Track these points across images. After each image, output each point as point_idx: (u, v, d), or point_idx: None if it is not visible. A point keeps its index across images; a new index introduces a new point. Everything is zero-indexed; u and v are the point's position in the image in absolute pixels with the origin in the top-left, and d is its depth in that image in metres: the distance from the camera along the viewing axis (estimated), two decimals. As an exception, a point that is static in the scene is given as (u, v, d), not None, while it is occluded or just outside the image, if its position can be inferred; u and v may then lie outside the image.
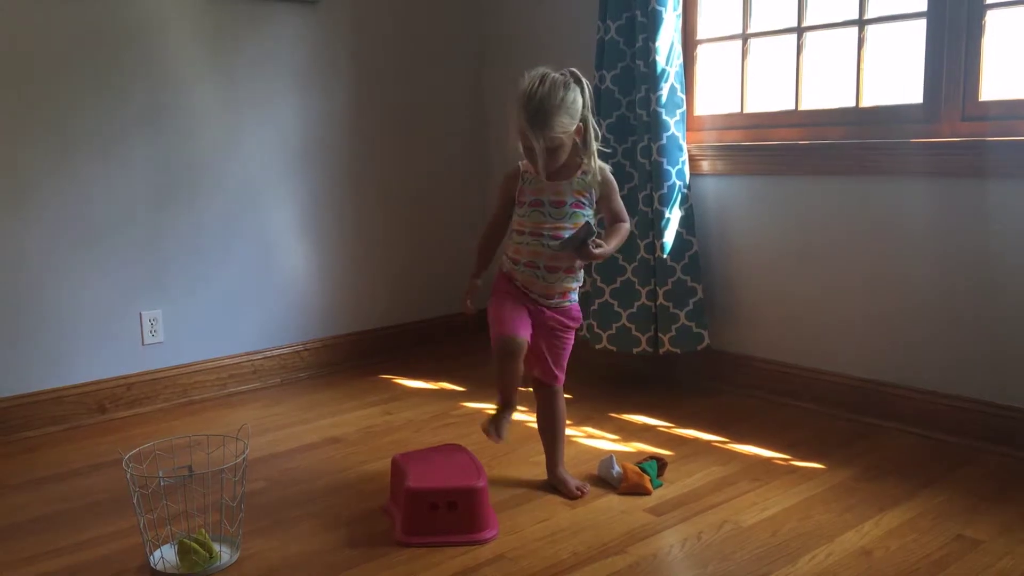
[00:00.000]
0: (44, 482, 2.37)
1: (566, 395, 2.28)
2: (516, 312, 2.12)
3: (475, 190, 3.83)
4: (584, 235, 2.04)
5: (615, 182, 2.18)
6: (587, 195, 2.12)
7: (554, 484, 2.21)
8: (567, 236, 2.07)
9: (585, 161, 2.10)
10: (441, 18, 3.64)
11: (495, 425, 2.12)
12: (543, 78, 2.02)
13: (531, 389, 2.25)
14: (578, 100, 2.03)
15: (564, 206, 2.10)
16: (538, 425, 2.28)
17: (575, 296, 2.21)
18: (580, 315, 2.23)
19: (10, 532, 2.06)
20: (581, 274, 2.19)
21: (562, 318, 2.18)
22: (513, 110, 2.04)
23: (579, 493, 2.17)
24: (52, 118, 2.72)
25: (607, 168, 2.15)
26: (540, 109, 1.98)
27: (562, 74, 2.04)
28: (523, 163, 2.14)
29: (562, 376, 2.23)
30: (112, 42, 2.81)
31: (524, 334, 2.09)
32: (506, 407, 2.13)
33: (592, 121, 2.08)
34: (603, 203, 2.16)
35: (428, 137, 3.66)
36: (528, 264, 2.12)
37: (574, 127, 2.03)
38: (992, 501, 2.08)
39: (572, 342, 2.23)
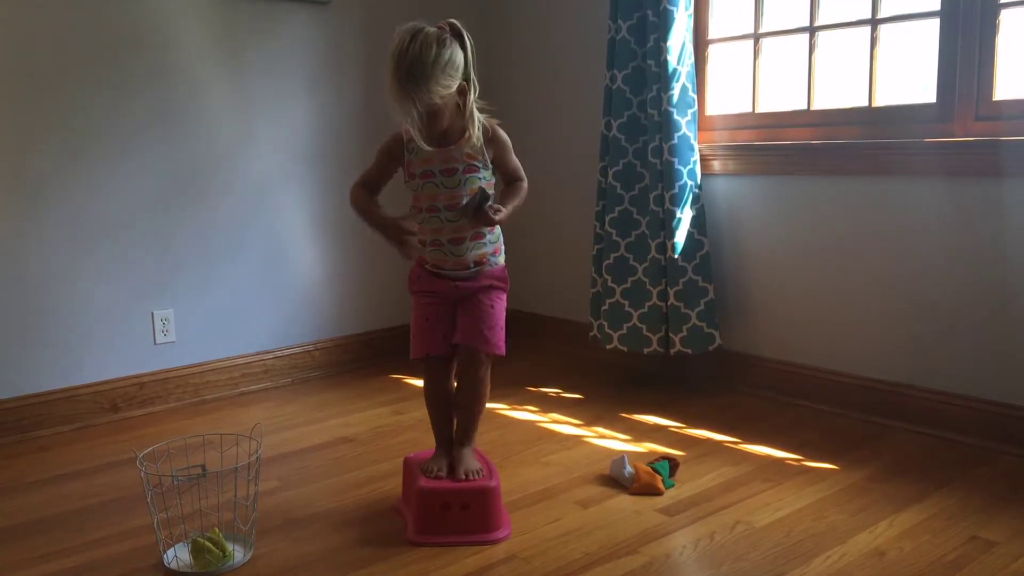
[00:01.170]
0: (57, 481, 2.38)
1: (578, 395, 2.27)
2: (433, 320, 2.03)
3: (485, 190, 3.82)
4: (479, 201, 1.89)
5: (507, 138, 2.00)
6: (479, 158, 1.96)
7: (452, 460, 2.06)
8: (463, 205, 1.93)
9: (469, 126, 1.93)
10: (452, 17, 3.63)
11: (436, 463, 2.04)
12: (415, 34, 1.82)
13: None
14: (457, 57, 1.84)
15: (456, 173, 1.94)
16: (454, 399, 2.09)
17: (497, 258, 2.07)
18: (506, 276, 2.08)
19: (24, 530, 2.08)
20: (496, 234, 2.05)
21: (484, 282, 2.04)
22: (385, 72, 1.83)
23: (463, 477, 1.99)
24: (66, 119, 2.73)
25: (495, 124, 1.98)
26: (413, 70, 1.78)
27: (439, 27, 1.86)
28: (403, 129, 1.95)
29: (494, 340, 2.02)
30: (124, 43, 2.82)
31: (443, 348, 2.03)
32: (441, 445, 2.09)
33: (475, 80, 1.89)
34: (497, 164, 2.00)
35: (439, 137, 3.65)
36: (433, 243, 2.00)
37: (455, 87, 1.85)
38: (1007, 502, 2.07)
39: (502, 307, 2.06)
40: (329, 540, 1.97)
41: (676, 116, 2.85)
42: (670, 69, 2.83)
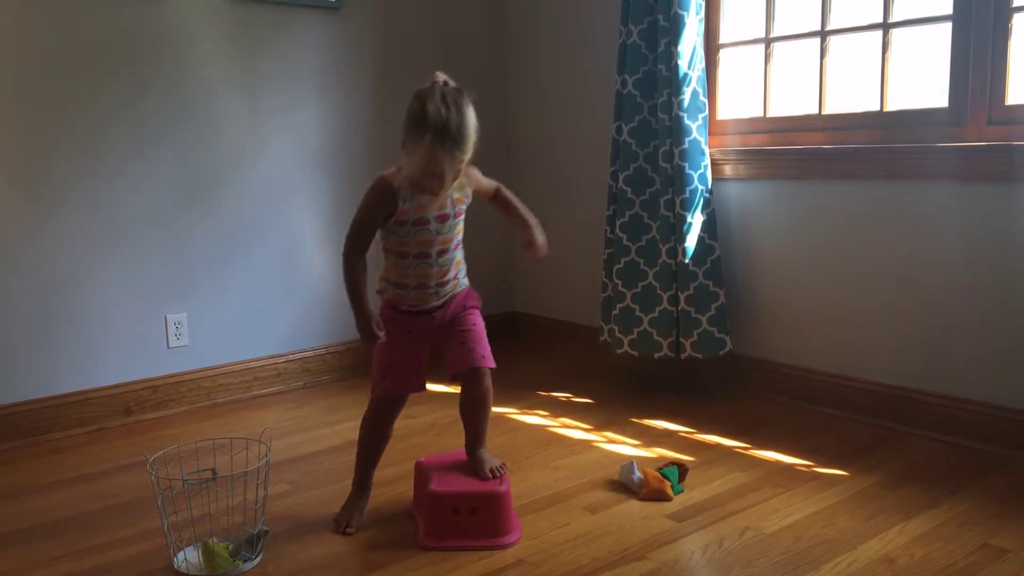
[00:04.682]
0: (71, 483, 2.40)
1: (588, 400, 2.27)
2: (409, 360, 2.04)
3: (497, 194, 3.83)
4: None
5: (472, 167, 2.01)
6: (465, 199, 2.01)
7: (472, 465, 2.07)
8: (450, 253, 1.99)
9: (469, 171, 1.97)
10: (464, 23, 3.65)
11: (348, 514, 2.04)
12: (446, 100, 1.82)
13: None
14: (473, 117, 1.87)
15: (448, 219, 1.98)
16: (463, 412, 2.11)
17: (465, 280, 2.09)
18: (475, 293, 2.11)
19: (38, 532, 2.10)
20: (463, 261, 2.08)
21: (457, 305, 2.06)
22: (417, 135, 1.81)
23: (492, 475, 2.02)
24: (82, 125, 2.76)
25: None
26: (458, 137, 1.81)
27: (456, 90, 1.88)
28: (390, 174, 1.93)
29: (488, 355, 2.05)
30: (139, 49, 2.85)
31: (417, 387, 2.05)
32: (363, 491, 2.09)
33: None
34: (477, 188, 2.04)
35: (450, 141, 3.66)
36: (419, 287, 2.01)
37: None
38: (1019, 510, 2.05)
39: (483, 323, 2.09)
40: (339, 544, 1.98)
41: (687, 120, 2.85)
42: (681, 73, 2.83)
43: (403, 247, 1.99)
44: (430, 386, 2.44)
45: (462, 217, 2.02)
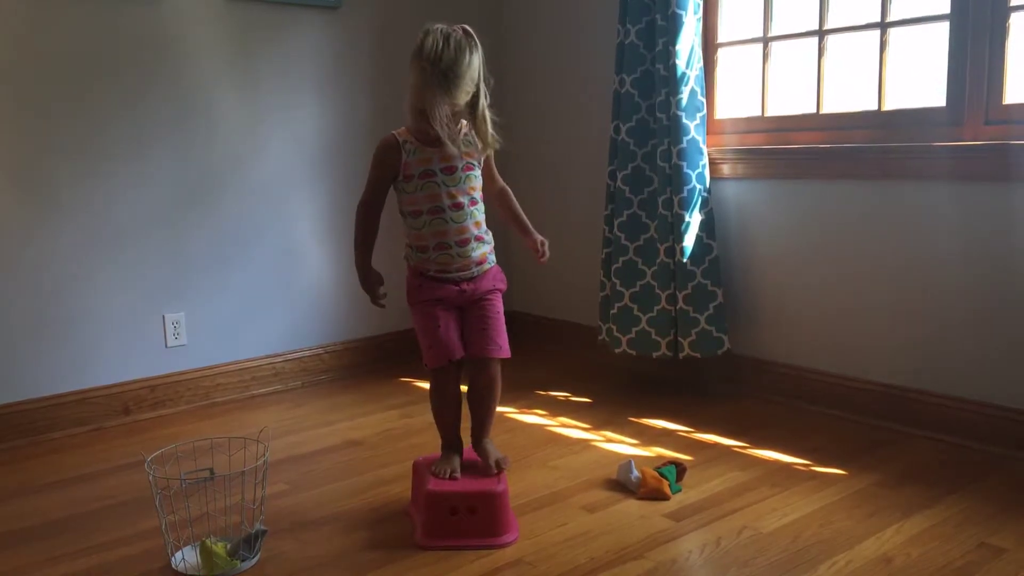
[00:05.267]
0: (69, 483, 2.40)
1: (586, 399, 2.27)
2: (446, 326, 2.02)
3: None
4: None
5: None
6: (475, 155, 2.01)
7: (478, 454, 2.10)
8: (466, 214, 1.99)
9: (482, 128, 1.99)
10: (462, 22, 3.64)
11: (450, 463, 2.05)
12: (447, 37, 1.88)
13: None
14: (477, 62, 1.92)
15: (456, 171, 1.97)
16: (470, 399, 2.11)
17: (493, 257, 2.09)
18: (504, 276, 2.13)
19: (36, 532, 2.10)
20: (490, 233, 2.08)
21: (487, 283, 2.06)
22: (413, 70, 1.89)
23: (498, 468, 2.04)
24: (80, 125, 2.76)
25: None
26: (449, 73, 1.86)
27: (464, 31, 1.93)
28: (398, 131, 1.98)
29: (504, 346, 2.07)
30: (138, 50, 2.84)
31: (461, 351, 2.04)
32: (454, 448, 2.10)
33: (483, 86, 1.96)
34: (486, 166, 2.07)
35: (448, 141, 3.67)
36: (438, 247, 2.00)
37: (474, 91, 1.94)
38: (1017, 509, 2.05)
39: (502, 309, 2.11)
40: (337, 543, 1.98)
41: (685, 120, 2.85)
42: (679, 73, 2.83)
43: (415, 205, 1.99)
44: (425, 385, 2.43)
45: (473, 173, 2.02)
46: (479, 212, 2.04)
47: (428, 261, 2.02)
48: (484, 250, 2.05)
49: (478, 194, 2.04)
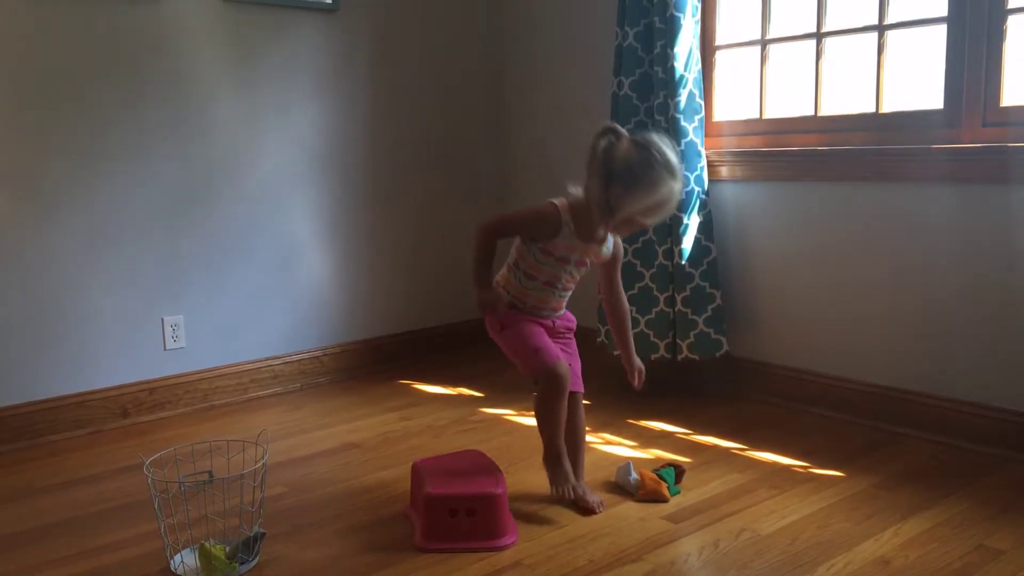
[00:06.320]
0: (68, 486, 2.40)
1: (586, 401, 2.27)
2: (543, 334, 2.11)
3: (494, 196, 3.84)
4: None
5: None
6: (603, 257, 2.13)
7: (573, 498, 2.14)
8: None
9: (620, 239, 2.14)
10: (461, 24, 3.66)
11: (566, 482, 2.08)
12: (672, 171, 1.94)
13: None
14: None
15: (585, 267, 2.12)
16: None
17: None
18: (573, 317, 2.26)
19: (34, 535, 2.09)
20: None
21: (567, 323, 2.22)
22: (653, 177, 1.92)
23: (598, 509, 2.11)
24: (77, 127, 2.76)
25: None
26: (657, 206, 1.96)
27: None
28: (562, 205, 2.03)
29: (581, 384, 2.22)
30: (136, 52, 2.84)
31: (561, 355, 2.10)
32: (561, 455, 2.11)
33: None
34: (614, 270, 2.19)
35: (447, 143, 3.67)
36: (535, 307, 2.14)
37: None
38: (1015, 511, 2.06)
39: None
40: (336, 546, 1.98)
41: (683, 122, 2.85)
42: (677, 75, 2.84)
43: (536, 272, 2.09)
44: (429, 388, 2.45)
45: (587, 268, 2.14)
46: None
47: (522, 307, 2.14)
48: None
49: None
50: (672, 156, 1.95)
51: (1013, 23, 2.37)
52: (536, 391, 2.09)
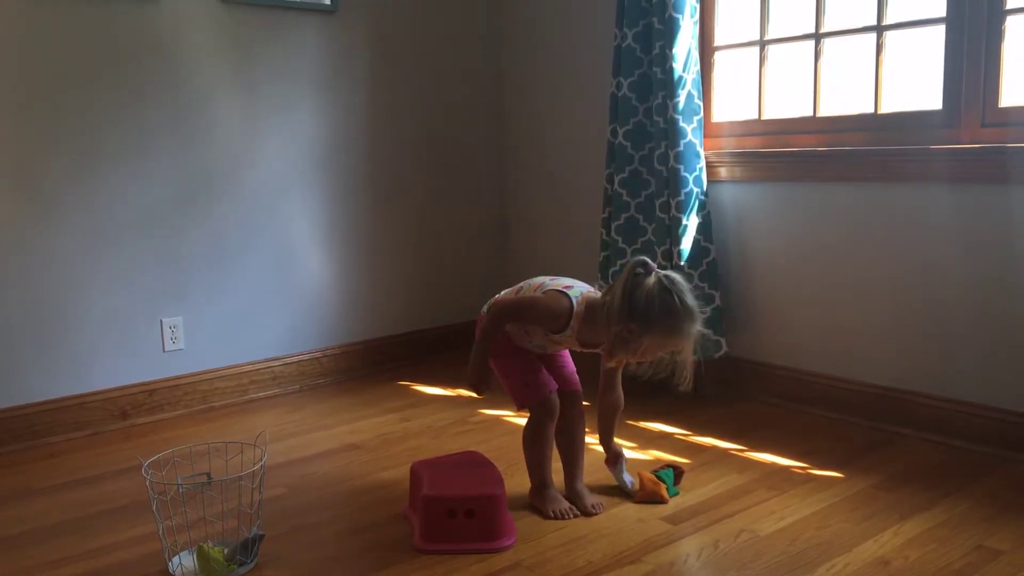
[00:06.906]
0: (67, 487, 2.40)
1: (584, 403, 2.27)
2: (534, 366, 2.13)
3: (493, 197, 3.84)
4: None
5: None
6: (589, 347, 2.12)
7: (570, 498, 2.16)
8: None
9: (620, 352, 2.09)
10: (460, 25, 3.66)
11: (559, 504, 2.11)
12: (691, 318, 1.96)
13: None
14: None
15: (571, 349, 2.17)
16: (557, 438, 2.19)
17: None
18: None
19: (33, 536, 2.09)
20: None
21: None
22: (673, 322, 1.94)
23: (594, 511, 2.12)
24: (76, 127, 2.76)
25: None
26: (672, 350, 2.01)
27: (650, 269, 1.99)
28: (576, 316, 2.00)
29: (577, 381, 2.24)
30: (135, 54, 2.84)
31: (551, 386, 2.12)
32: (545, 484, 2.13)
33: None
34: (613, 374, 2.21)
35: (446, 144, 3.67)
36: (535, 346, 2.16)
37: None
38: (1015, 511, 2.06)
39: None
40: (334, 547, 1.98)
41: (682, 123, 2.85)
42: (676, 76, 2.83)
43: (528, 345, 2.13)
44: (428, 389, 2.44)
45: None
46: None
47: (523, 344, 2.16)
48: None
49: None
50: (692, 302, 1.95)
51: (1012, 23, 2.37)
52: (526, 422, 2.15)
